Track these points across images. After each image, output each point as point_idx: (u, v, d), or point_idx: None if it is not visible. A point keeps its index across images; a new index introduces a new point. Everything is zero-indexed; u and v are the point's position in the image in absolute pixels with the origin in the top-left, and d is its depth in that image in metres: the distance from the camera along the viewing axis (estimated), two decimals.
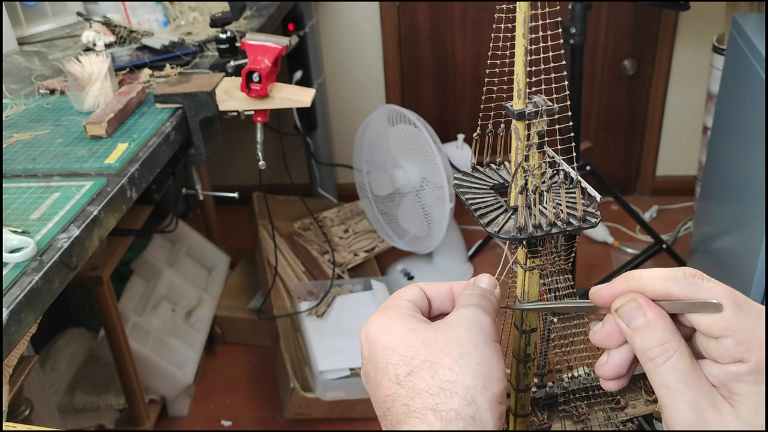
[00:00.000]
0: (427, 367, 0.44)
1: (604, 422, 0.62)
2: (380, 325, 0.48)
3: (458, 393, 0.43)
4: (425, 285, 0.52)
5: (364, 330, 0.49)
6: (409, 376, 0.45)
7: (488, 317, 0.48)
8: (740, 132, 1.60)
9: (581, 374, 0.63)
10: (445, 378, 0.44)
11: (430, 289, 0.52)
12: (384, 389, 0.46)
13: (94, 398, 1.80)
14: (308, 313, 2.02)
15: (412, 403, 0.44)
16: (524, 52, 0.44)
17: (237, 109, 1.21)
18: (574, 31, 1.89)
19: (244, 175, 2.88)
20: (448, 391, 0.43)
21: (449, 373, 0.44)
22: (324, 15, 2.57)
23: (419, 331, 0.47)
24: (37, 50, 1.56)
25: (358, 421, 1.89)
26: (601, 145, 2.79)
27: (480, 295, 0.49)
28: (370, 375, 0.48)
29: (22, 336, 0.71)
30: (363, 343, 0.49)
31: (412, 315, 0.49)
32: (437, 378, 0.44)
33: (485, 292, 0.50)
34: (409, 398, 0.44)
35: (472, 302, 0.48)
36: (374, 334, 0.48)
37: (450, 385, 0.43)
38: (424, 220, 2.12)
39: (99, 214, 0.86)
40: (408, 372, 0.45)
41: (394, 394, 0.45)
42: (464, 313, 0.47)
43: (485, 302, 0.49)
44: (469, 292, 0.50)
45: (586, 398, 0.63)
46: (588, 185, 0.49)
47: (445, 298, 0.52)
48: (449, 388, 0.43)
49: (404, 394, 0.44)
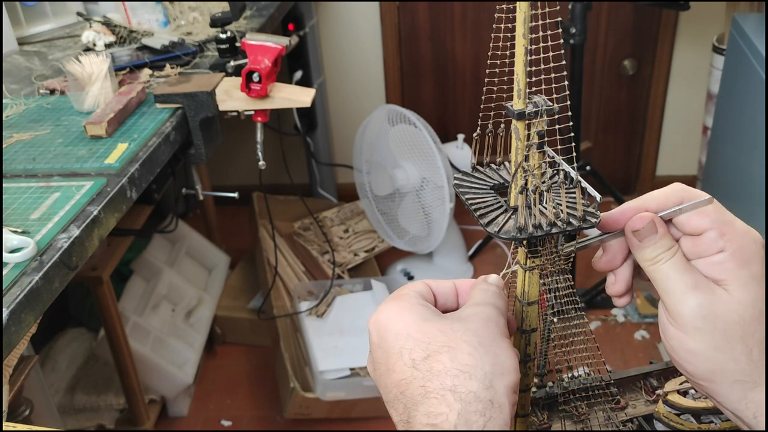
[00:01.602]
0: (445, 351, 0.45)
1: (604, 422, 0.62)
2: (391, 312, 0.48)
3: (477, 376, 0.44)
4: (430, 282, 0.53)
5: (373, 318, 0.49)
6: (426, 360, 0.45)
7: (502, 318, 0.49)
8: (740, 132, 1.60)
9: (581, 374, 0.63)
10: (465, 361, 0.44)
11: (435, 286, 0.52)
12: (397, 373, 0.46)
13: (94, 398, 1.80)
14: (308, 313, 2.02)
15: (429, 384, 0.44)
16: (524, 52, 0.44)
17: (237, 109, 1.21)
18: (574, 31, 1.89)
19: (244, 175, 2.88)
20: (467, 374, 0.44)
21: (468, 358, 0.44)
22: (324, 15, 2.57)
23: (433, 320, 0.47)
24: (37, 50, 1.56)
25: (358, 421, 1.89)
26: (601, 145, 2.79)
27: (495, 293, 0.50)
28: (380, 361, 0.48)
29: (22, 336, 0.71)
30: (372, 331, 0.49)
31: (423, 305, 0.49)
32: (456, 361, 0.44)
33: (499, 290, 0.50)
34: (427, 380, 0.44)
35: (487, 300, 0.49)
36: (385, 322, 0.48)
37: (470, 368, 0.44)
38: (424, 220, 2.12)
39: (99, 214, 0.86)
40: (425, 356, 0.45)
41: (410, 377, 0.45)
42: (479, 309, 0.48)
43: (500, 301, 0.50)
44: (483, 287, 0.51)
45: (586, 398, 0.63)
46: (588, 185, 0.49)
47: (449, 296, 0.52)
48: (469, 371, 0.44)
49: (421, 377, 0.45)
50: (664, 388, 0.65)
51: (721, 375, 0.46)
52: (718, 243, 0.46)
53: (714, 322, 0.45)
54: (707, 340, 0.45)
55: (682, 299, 0.46)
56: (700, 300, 0.46)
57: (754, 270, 0.46)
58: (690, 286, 0.46)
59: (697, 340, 0.46)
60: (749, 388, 0.45)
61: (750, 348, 0.45)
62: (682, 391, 0.63)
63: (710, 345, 0.45)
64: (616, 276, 0.52)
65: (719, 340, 0.45)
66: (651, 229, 0.48)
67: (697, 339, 0.46)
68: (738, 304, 0.45)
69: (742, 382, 0.45)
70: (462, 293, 0.53)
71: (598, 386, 0.63)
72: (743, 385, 0.45)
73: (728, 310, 0.45)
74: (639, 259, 0.49)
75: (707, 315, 0.45)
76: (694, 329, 0.46)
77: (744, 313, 0.45)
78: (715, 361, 0.46)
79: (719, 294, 0.46)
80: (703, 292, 0.46)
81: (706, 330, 0.45)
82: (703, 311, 0.45)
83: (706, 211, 0.47)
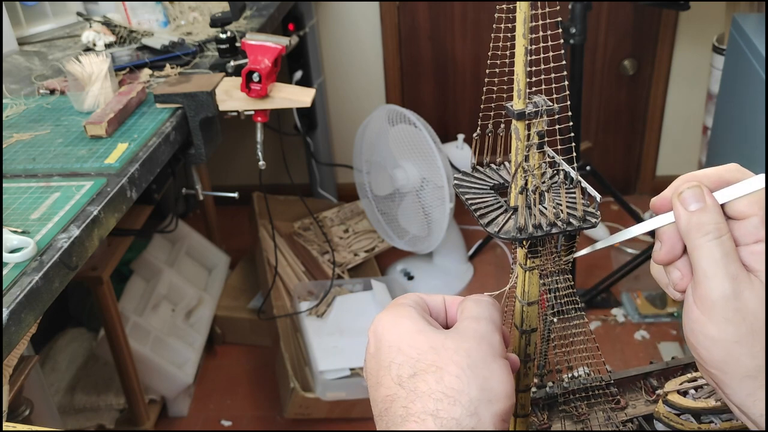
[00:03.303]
0: (432, 372, 0.44)
1: (604, 422, 0.62)
2: (388, 322, 0.48)
3: (462, 402, 0.42)
4: (423, 294, 0.52)
5: (373, 326, 0.49)
6: (412, 378, 0.44)
7: (498, 334, 0.47)
8: (740, 132, 1.60)
9: (581, 374, 0.63)
10: (451, 385, 0.43)
11: (428, 299, 0.52)
12: (384, 388, 0.45)
13: (94, 398, 1.80)
14: (308, 313, 2.02)
15: (411, 406, 0.43)
16: (524, 52, 0.44)
17: (237, 109, 1.21)
18: (574, 31, 1.89)
19: (244, 175, 2.88)
20: (451, 399, 0.42)
21: (455, 381, 0.43)
22: (324, 15, 2.57)
23: (427, 333, 0.46)
24: (37, 50, 1.56)
25: (358, 421, 1.89)
26: (601, 145, 2.79)
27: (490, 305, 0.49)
28: (372, 372, 0.48)
29: (22, 336, 0.71)
30: (371, 339, 0.49)
31: (420, 315, 0.48)
32: (442, 383, 0.43)
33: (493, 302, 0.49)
34: (410, 400, 0.43)
35: (482, 314, 0.48)
36: (381, 331, 0.48)
37: (455, 392, 0.43)
38: (424, 220, 2.12)
39: (99, 214, 0.86)
40: (412, 373, 0.44)
41: (394, 395, 0.44)
42: (473, 326, 0.47)
43: (496, 314, 0.48)
44: (476, 298, 0.49)
45: (586, 398, 0.63)
46: (588, 185, 0.49)
47: (439, 310, 0.52)
48: (453, 396, 0.42)
49: (404, 396, 0.44)
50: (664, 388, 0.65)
51: (735, 367, 0.44)
52: (760, 231, 0.44)
53: (744, 314, 0.43)
54: (731, 331, 0.44)
55: (719, 286, 0.44)
56: (737, 291, 0.43)
57: None
58: (731, 275, 0.44)
59: (721, 328, 0.44)
60: (759, 385, 0.44)
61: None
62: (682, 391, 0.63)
63: (733, 336, 0.44)
64: (681, 269, 0.47)
65: (743, 333, 0.43)
66: (698, 195, 0.45)
67: (722, 327, 0.44)
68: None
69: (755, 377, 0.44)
70: (450, 309, 0.52)
71: (598, 386, 0.63)
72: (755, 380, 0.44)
73: (759, 303, 0.43)
74: (684, 231, 0.45)
75: (740, 308, 0.43)
76: (722, 318, 0.44)
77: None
78: (733, 352, 0.44)
79: (756, 287, 0.44)
80: (743, 284, 0.43)
81: (734, 321, 0.43)
82: (738, 304, 0.43)
83: (753, 196, 0.44)
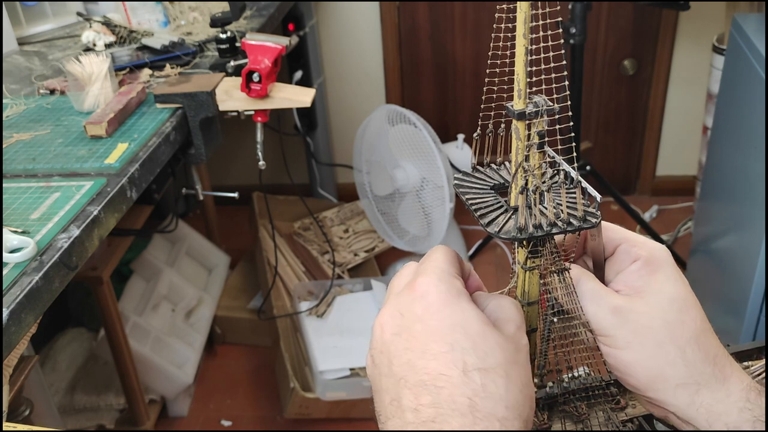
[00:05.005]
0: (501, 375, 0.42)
1: (604, 422, 0.62)
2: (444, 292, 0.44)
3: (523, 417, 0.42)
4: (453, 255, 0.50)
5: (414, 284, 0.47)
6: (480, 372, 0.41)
7: None
8: (740, 132, 1.60)
9: (581, 374, 0.63)
10: (516, 399, 0.42)
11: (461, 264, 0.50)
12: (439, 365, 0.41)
13: (94, 398, 1.80)
14: (308, 313, 2.02)
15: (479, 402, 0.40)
16: (524, 52, 0.44)
17: (237, 109, 1.21)
18: (574, 31, 1.89)
19: (244, 175, 2.88)
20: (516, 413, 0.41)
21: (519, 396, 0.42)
22: (324, 15, 2.57)
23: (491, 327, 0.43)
24: (37, 50, 1.56)
25: (358, 421, 1.89)
26: (601, 145, 2.79)
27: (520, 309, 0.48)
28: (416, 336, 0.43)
29: (22, 336, 0.71)
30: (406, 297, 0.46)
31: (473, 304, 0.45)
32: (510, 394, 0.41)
33: None
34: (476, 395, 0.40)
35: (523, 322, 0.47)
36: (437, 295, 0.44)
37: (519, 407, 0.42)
38: (424, 220, 2.12)
39: (99, 214, 0.86)
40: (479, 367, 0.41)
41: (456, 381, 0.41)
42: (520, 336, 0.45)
43: None
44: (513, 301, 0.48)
45: (586, 398, 0.63)
46: (588, 185, 0.49)
47: None
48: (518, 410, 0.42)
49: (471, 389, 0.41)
50: None
51: (662, 382, 0.46)
52: (631, 253, 0.49)
53: (641, 332, 0.46)
54: (640, 350, 0.46)
55: (606, 317, 0.47)
56: (623, 314, 0.46)
57: (668, 272, 0.47)
58: (610, 305, 0.47)
59: (629, 352, 0.46)
60: (694, 391, 0.45)
61: (682, 349, 0.45)
62: None
63: (643, 354, 0.46)
64: None
65: (651, 348, 0.46)
66: None
67: (630, 351, 0.46)
68: (659, 308, 0.46)
69: (685, 385, 0.45)
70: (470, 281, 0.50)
71: (598, 386, 0.63)
72: (687, 388, 0.45)
73: (651, 317, 0.46)
74: None
75: (635, 328, 0.46)
76: (624, 343, 0.46)
77: (666, 315, 0.46)
78: (652, 368, 0.46)
79: (638, 303, 0.46)
80: (624, 306, 0.47)
81: (636, 341, 0.46)
82: (630, 325, 0.46)
83: (611, 230, 0.50)
